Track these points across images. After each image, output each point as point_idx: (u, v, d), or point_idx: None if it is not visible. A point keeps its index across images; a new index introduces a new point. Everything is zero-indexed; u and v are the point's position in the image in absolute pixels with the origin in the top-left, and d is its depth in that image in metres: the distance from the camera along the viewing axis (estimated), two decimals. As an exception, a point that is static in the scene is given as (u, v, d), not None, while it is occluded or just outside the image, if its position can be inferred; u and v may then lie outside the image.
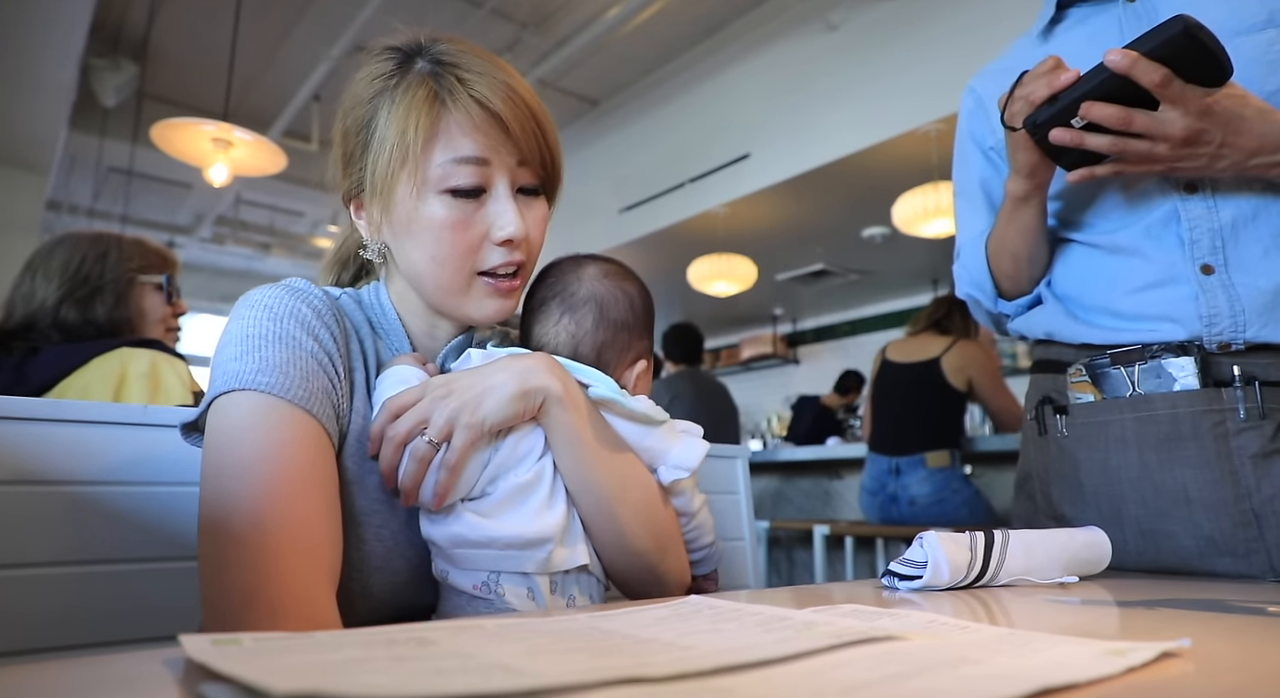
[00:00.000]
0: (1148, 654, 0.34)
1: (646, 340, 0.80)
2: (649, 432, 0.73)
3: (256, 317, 0.63)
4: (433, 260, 0.69)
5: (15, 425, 0.71)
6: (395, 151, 0.67)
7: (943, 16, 3.72)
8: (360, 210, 0.74)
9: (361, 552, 0.66)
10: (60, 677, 0.33)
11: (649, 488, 0.71)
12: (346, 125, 0.72)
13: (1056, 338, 0.97)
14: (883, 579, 0.67)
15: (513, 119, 0.68)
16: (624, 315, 0.77)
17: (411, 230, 0.69)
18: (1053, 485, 0.97)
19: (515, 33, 4.54)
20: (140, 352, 1.31)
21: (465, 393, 0.64)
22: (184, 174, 5.64)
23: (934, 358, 2.70)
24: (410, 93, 0.67)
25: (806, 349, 7.68)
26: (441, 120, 0.67)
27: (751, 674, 0.32)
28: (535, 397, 0.65)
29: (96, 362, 1.27)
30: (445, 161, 0.67)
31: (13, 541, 0.69)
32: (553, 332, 0.76)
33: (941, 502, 2.59)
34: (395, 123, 0.67)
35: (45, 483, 0.71)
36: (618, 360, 0.77)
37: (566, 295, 0.77)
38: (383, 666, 0.31)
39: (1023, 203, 0.93)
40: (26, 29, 3.32)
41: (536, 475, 0.67)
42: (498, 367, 0.67)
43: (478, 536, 0.64)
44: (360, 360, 0.70)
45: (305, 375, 0.61)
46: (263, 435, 0.58)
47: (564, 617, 0.46)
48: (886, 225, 4.73)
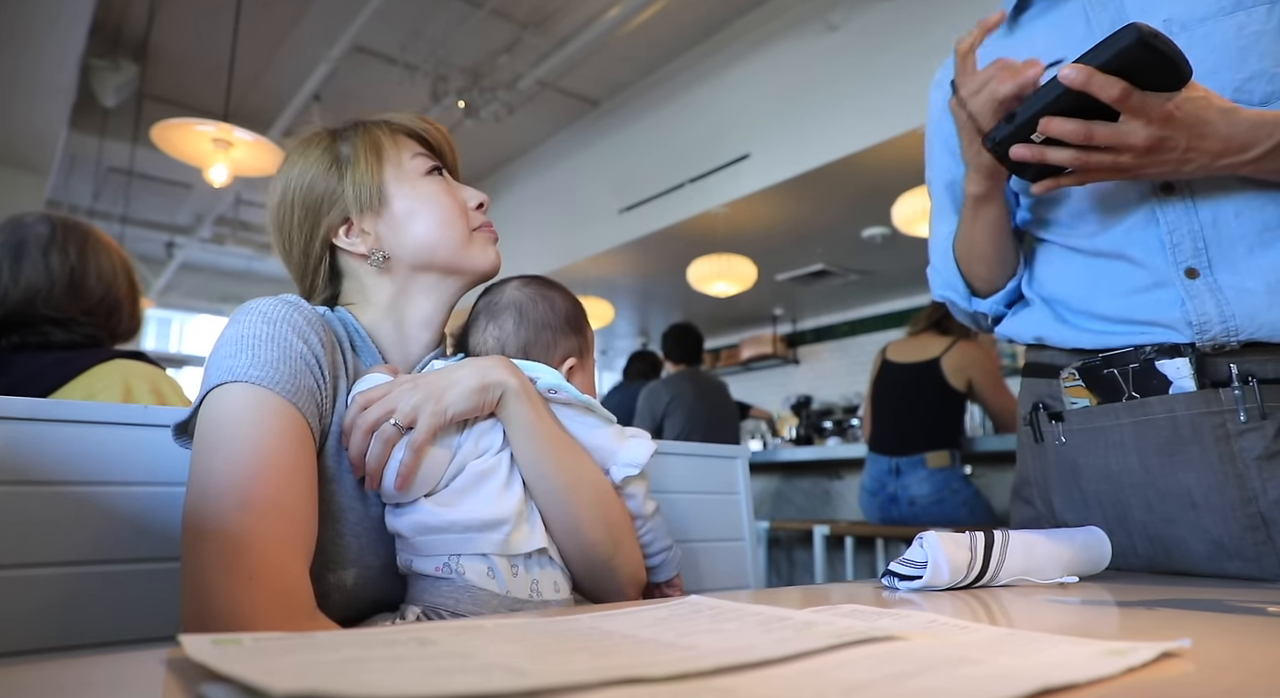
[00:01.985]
0: (1148, 654, 0.34)
1: (574, 340, 0.87)
2: (597, 431, 0.79)
3: (252, 321, 0.68)
4: (443, 224, 0.80)
5: (15, 425, 0.71)
6: (371, 158, 0.80)
7: (943, 17, 3.72)
8: (350, 232, 0.81)
9: (339, 546, 0.70)
10: (60, 677, 0.33)
11: (601, 483, 0.77)
12: (303, 188, 0.81)
13: (1047, 342, 0.95)
14: (883, 579, 0.67)
15: (434, 136, 0.86)
16: (544, 316, 0.85)
17: (415, 212, 0.80)
18: (1054, 493, 0.95)
19: (515, 33, 4.54)
20: (138, 365, 1.30)
21: (430, 386, 0.71)
22: (184, 174, 5.64)
23: (934, 358, 2.70)
24: (359, 129, 0.83)
25: (806, 349, 7.68)
26: (396, 136, 0.83)
27: (752, 674, 0.32)
28: (494, 390, 0.72)
29: (96, 371, 1.25)
30: (414, 155, 0.82)
31: (13, 540, 0.69)
32: (481, 339, 0.85)
33: (941, 502, 2.59)
34: (360, 142, 0.81)
35: (45, 483, 0.71)
36: (545, 359, 0.84)
37: (491, 305, 0.87)
38: (382, 666, 0.32)
39: (984, 201, 0.92)
40: (26, 29, 3.32)
41: (495, 463, 0.73)
42: (459, 366, 0.74)
43: (437, 521, 0.69)
44: (343, 369, 0.75)
45: (294, 373, 0.66)
46: (254, 423, 0.62)
47: (564, 617, 0.47)
48: (886, 225, 4.73)
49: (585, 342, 0.88)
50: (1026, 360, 1.02)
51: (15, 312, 1.28)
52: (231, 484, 0.59)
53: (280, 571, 0.58)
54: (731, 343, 8.16)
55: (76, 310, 1.32)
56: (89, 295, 1.34)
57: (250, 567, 0.57)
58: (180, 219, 7.07)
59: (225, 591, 0.56)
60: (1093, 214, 0.90)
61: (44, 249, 1.31)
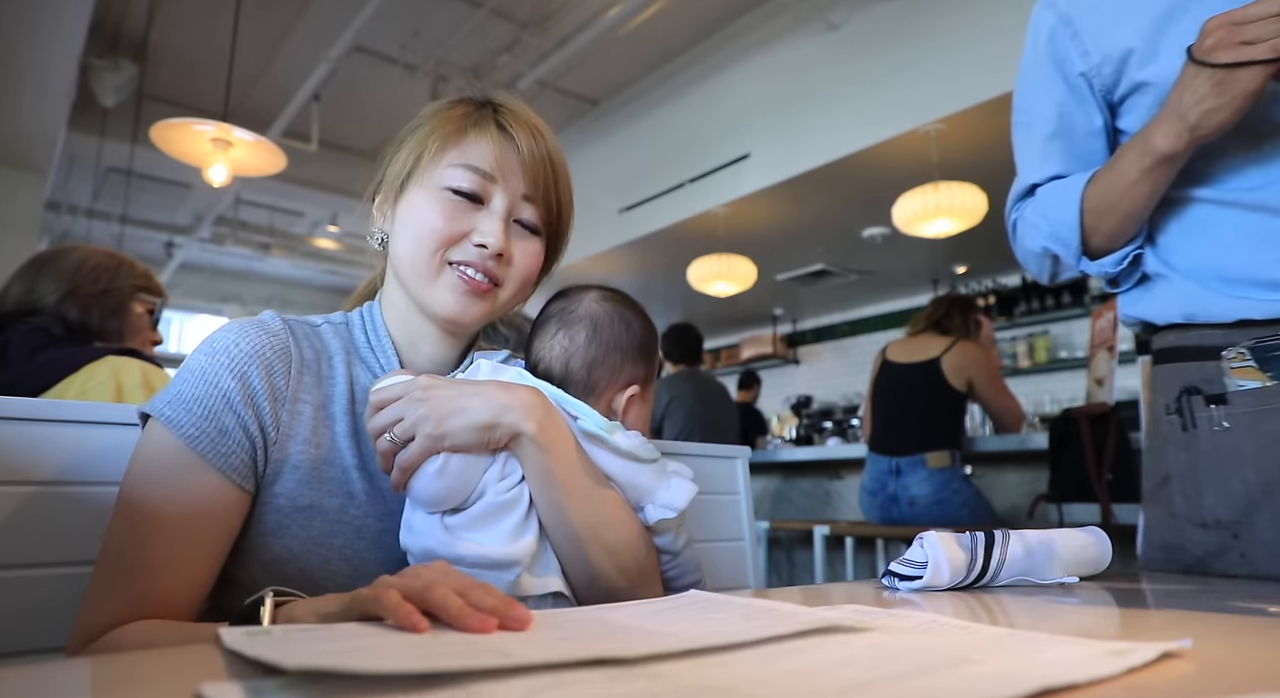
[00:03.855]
0: (1148, 655, 0.34)
1: (642, 368, 0.80)
2: (638, 469, 0.73)
3: (201, 351, 0.69)
4: (412, 242, 0.73)
5: (15, 426, 0.71)
6: (415, 149, 0.75)
7: (943, 17, 3.72)
8: (379, 204, 0.80)
9: (327, 570, 0.69)
10: (61, 677, 0.33)
11: (625, 528, 0.71)
12: (399, 134, 0.80)
13: (1199, 319, 0.85)
14: (883, 579, 0.67)
15: (529, 152, 0.76)
16: (618, 337, 0.79)
17: (405, 218, 0.75)
18: (1204, 486, 0.85)
19: (515, 33, 4.54)
20: (128, 361, 1.36)
21: (438, 405, 0.66)
22: (183, 174, 5.64)
23: (934, 358, 2.70)
24: (453, 110, 0.77)
25: (806, 349, 7.68)
26: (467, 134, 0.75)
27: (751, 673, 0.32)
28: (501, 432, 0.67)
29: (88, 369, 1.31)
30: (453, 165, 0.74)
31: (13, 540, 0.68)
32: (548, 346, 0.79)
33: (942, 502, 2.59)
34: (427, 126, 0.76)
35: (45, 483, 0.71)
36: (609, 381, 0.78)
37: (565, 313, 0.80)
38: (393, 652, 0.35)
39: (1172, 161, 0.80)
40: (26, 29, 3.32)
41: (515, 497, 0.68)
42: (481, 390, 0.68)
43: (446, 552, 0.65)
44: (315, 392, 0.72)
45: (206, 414, 0.66)
46: (148, 467, 0.65)
47: (573, 611, 0.50)
48: (886, 225, 4.73)
49: (651, 370, 0.82)
50: (1162, 345, 0.92)
51: (20, 309, 1.37)
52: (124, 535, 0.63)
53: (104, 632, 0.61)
54: (731, 343, 8.16)
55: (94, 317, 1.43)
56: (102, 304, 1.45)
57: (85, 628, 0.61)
58: (180, 219, 7.07)
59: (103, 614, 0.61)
60: (1257, 165, 0.79)
61: (70, 275, 1.44)
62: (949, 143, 3.79)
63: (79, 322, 1.41)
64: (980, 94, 3.47)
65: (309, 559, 0.68)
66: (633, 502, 0.73)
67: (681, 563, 0.77)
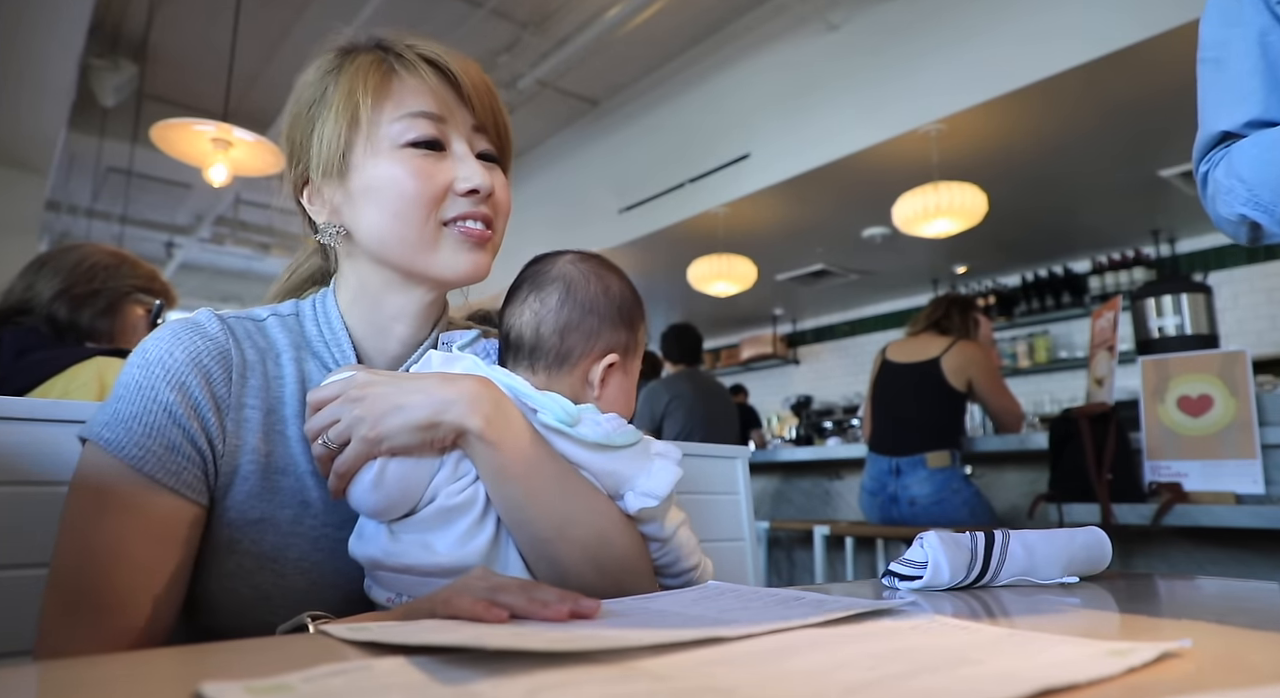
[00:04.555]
0: (1148, 655, 0.34)
1: (622, 335, 0.73)
2: (612, 456, 0.67)
3: (132, 363, 0.64)
4: (396, 216, 0.66)
5: (14, 426, 0.70)
6: (343, 113, 0.67)
7: (943, 17, 3.72)
8: (313, 195, 0.72)
9: (282, 586, 0.65)
10: (61, 677, 0.33)
11: (599, 523, 0.65)
12: (292, 115, 0.72)
13: None
14: (883, 579, 0.67)
15: (465, 79, 0.69)
16: (593, 299, 0.71)
17: (370, 192, 0.67)
18: None
19: (515, 33, 4.54)
20: (114, 362, 1.34)
21: (374, 404, 0.61)
22: (183, 174, 5.63)
23: (934, 358, 2.70)
24: (356, 63, 0.69)
25: (806, 349, 7.68)
26: (392, 83, 0.68)
27: (752, 674, 0.32)
28: (444, 430, 0.62)
29: (73, 370, 1.30)
30: (399, 117, 0.67)
31: (13, 540, 0.68)
32: (518, 311, 0.72)
33: (942, 502, 2.59)
34: (342, 87, 0.68)
35: (45, 483, 0.71)
36: (584, 349, 0.71)
37: (537, 275, 0.74)
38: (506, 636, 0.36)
39: None
40: (26, 29, 3.31)
41: (467, 500, 0.63)
42: (422, 386, 0.63)
43: (393, 563, 0.62)
44: (260, 396, 0.67)
45: (148, 431, 0.61)
46: (88, 498, 0.60)
47: None
48: (886, 225, 4.73)
49: (634, 339, 0.75)
50: None
51: (16, 307, 1.38)
52: (71, 568, 0.59)
53: None
54: (731, 343, 8.16)
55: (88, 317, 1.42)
56: (93, 303, 1.43)
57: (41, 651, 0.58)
58: (180, 219, 7.06)
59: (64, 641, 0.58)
60: None
61: (69, 270, 1.43)
62: (949, 143, 3.79)
63: (68, 320, 1.40)
64: (980, 94, 3.47)
65: (262, 576, 0.64)
66: (610, 490, 0.67)
67: (674, 548, 0.71)
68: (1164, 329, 2.20)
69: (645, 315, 0.77)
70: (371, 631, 0.40)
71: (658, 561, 0.71)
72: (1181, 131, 3.70)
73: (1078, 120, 3.63)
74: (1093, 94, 3.38)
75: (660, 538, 0.70)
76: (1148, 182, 4.25)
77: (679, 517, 0.72)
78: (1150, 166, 4.07)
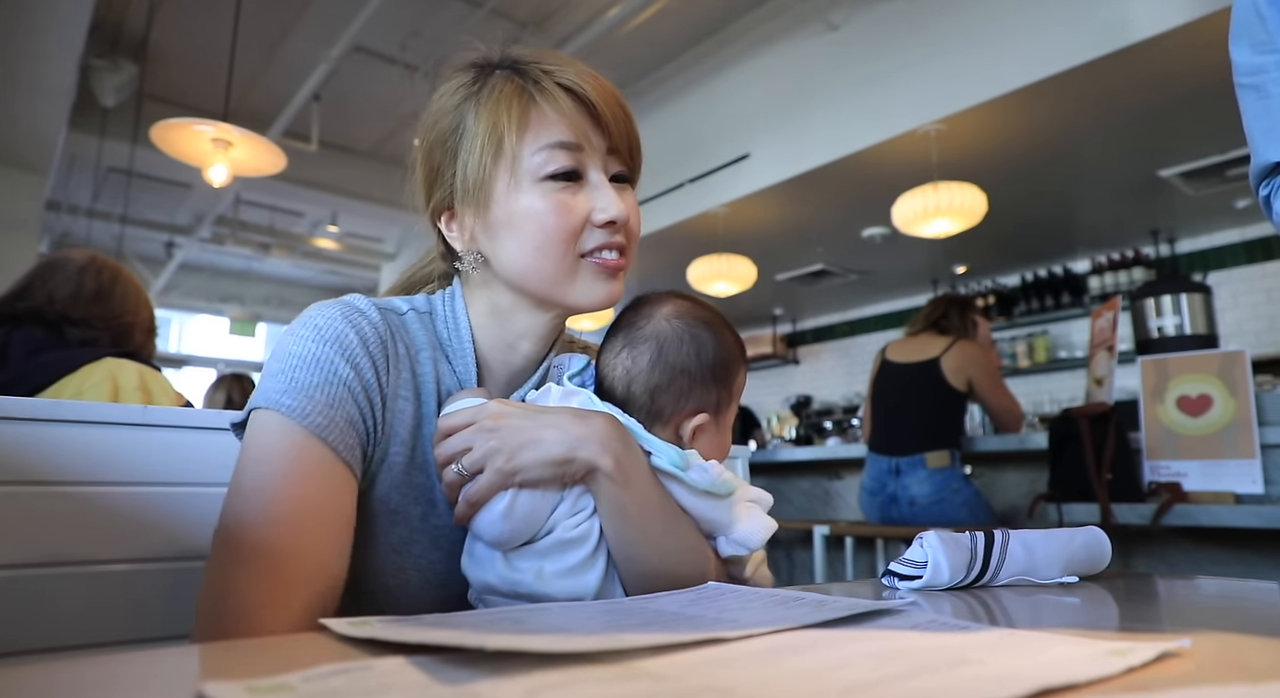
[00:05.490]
0: (1148, 654, 0.34)
1: (714, 392, 0.73)
2: (713, 505, 0.69)
3: (303, 336, 0.64)
4: (537, 251, 0.67)
5: (15, 426, 0.71)
6: (488, 146, 0.67)
7: (943, 17, 3.72)
8: (451, 221, 0.72)
9: (400, 579, 0.67)
10: (61, 677, 0.33)
11: (698, 563, 0.67)
12: (430, 139, 0.72)
13: None
14: (883, 579, 0.67)
15: (601, 104, 0.69)
16: (686, 360, 0.72)
17: (512, 225, 0.68)
18: None
19: (515, 33, 4.54)
20: (125, 363, 1.37)
21: (510, 436, 0.63)
22: (184, 174, 5.63)
23: (933, 358, 2.70)
24: (496, 91, 0.68)
25: (806, 349, 7.68)
26: (532, 111, 0.68)
27: (752, 674, 0.32)
28: (577, 466, 0.63)
29: (85, 369, 1.32)
30: (540, 149, 0.67)
31: (13, 540, 0.68)
32: (611, 364, 0.73)
33: (941, 502, 2.59)
34: (485, 119, 0.68)
35: (45, 483, 0.71)
36: (674, 408, 0.72)
37: (632, 329, 0.74)
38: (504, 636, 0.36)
39: None
40: (26, 29, 3.32)
41: (583, 534, 0.65)
42: (556, 421, 0.64)
43: (506, 587, 0.64)
44: (411, 389, 0.68)
45: (330, 402, 0.61)
46: (272, 460, 0.59)
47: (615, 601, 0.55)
48: (886, 225, 4.73)
49: (729, 393, 0.75)
50: None
51: (34, 309, 1.39)
52: (247, 528, 0.58)
53: (260, 627, 0.56)
54: (731, 343, 8.15)
55: (96, 317, 1.42)
56: (110, 310, 1.45)
57: (234, 623, 0.55)
58: (180, 219, 7.06)
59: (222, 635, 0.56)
60: None
61: (79, 270, 1.46)
62: (949, 143, 3.79)
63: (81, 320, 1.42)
64: (980, 94, 3.47)
65: (384, 566, 0.66)
66: (706, 532, 0.70)
67: None
68: (1163, 329, 2.20)
69: (741, 364, 0.77)
70: (373, 626, 0.40)
71: None
72: (1181, 132, 3.71)
73: (1077, 120, 3.63)
74: (1092, 94, 3.38)
75: (741, 579, 0.72)
76: (1147, 182, 4.25)
77: (759, 558, 0.74)
78: (1150, 167, 4.07)
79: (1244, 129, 0.88)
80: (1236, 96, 0.88)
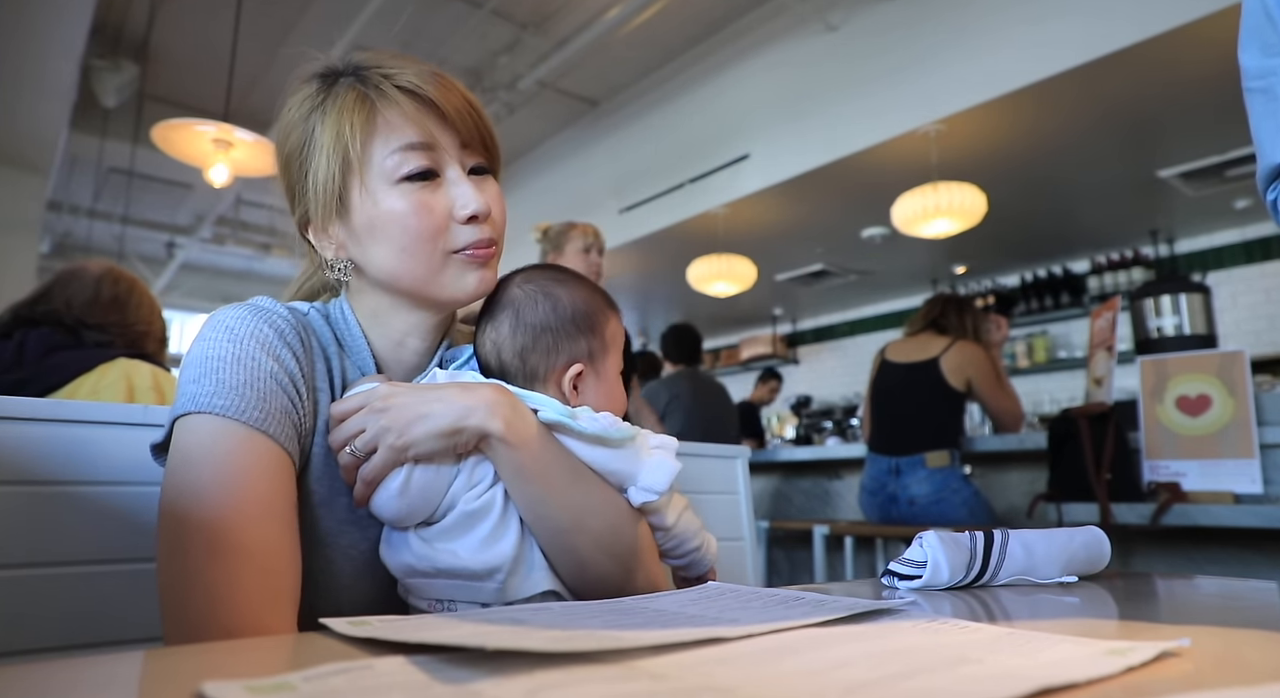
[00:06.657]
0: (1147, 654, 0.34)
1: (583, 341, 0.75)
2: (611, 454, 0.69)
3: (217, 338, 0.63)
4: (404, 252, 0.68)
5: (17, 425, 0.71)
6: (333, 157, 0.68)
7: (942, 17, 3.72)
8: (319, 233, 0.73)
9: (330, 572, 0.67)
10: (61, 677, 0.33)
11: (612, 514, 0.68)
12: (285, 154, 0.73)
13: None
14: (883, 579, 0.67)
15: (445, 102, 0.69)
16: (543, 318, 0.74)
17: (376, 230, 0.68)
18: None
19: (515, 33, 4.54)
20: (139, 363, 1.40)
21: (399, 413, 0.63)
22: (184, 174, 5.63)
23: (933, 358, 2.70)
24: (339, 100, 0.69)
25: (806, 349, 7.68)
26: (376, 117, 0.68)
27: (752, 674, 0.32)
28: (468, 435, 0.64)
29: (100, 369, 1.34)
30: (389, 153, 0.67)
31: (13, 540, 0.69)
32: (481, 341, 0.76)
33: (941, 502, 2.59)
34: (329, 130, 0.68)
35: (45, 483, 0.71)
36: (547, 365, 0.74)
37: (491, 305, 0.76)
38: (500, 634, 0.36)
39: None
40: (27, 29, 3.32)
41: (485, 504, 0.66)
42: (443, 395, 0.65)
43: (426, 567, 0.64)
44: (325, 381, 0.69)
45: (263, 396, 0.61)
46: (218, 461, 0.59)
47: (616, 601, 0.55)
48: (886, 226, 4.73)
49: (600, 341, 0.76)
50: None
51: (51, 312, 1.42)
52: (201, 531, 0.56)
53: (259, 628, 0.56)
54: (731, 343, 8.15)
55: (112, 324, 1.46)
56: (125, 318, 1.49)
57: (228, 626, 0.55)
58: (180, 219, 7.06)
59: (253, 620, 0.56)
60: None
61: (96, 279, 1.50)
62: (948, 143, 3.79)
63: (100, 324, 1.46)
64: (980, 94, 3.47)
65: (312, 560, 0.65)
66: (614, 485, 0.70)
67: (677, 535, 0.74)
68: (1162, 329, 2.20)
69: (608, 312, 0.78)
70: (373, 626, 0.40)
71: (663, 546, 0.74)
72: (1180, 132, 3.71)
73: (1076, 121, 3.63)
74: (1092, 95, 3.38)
75: (664, 527, 0.73)
76: (1146, 182, 4.25)
77: (681, 504, 0.75)
78: (1149, 167, 4.07)
79: (1251, 132, 0.87)
80: (1245, 102, 0.87)
